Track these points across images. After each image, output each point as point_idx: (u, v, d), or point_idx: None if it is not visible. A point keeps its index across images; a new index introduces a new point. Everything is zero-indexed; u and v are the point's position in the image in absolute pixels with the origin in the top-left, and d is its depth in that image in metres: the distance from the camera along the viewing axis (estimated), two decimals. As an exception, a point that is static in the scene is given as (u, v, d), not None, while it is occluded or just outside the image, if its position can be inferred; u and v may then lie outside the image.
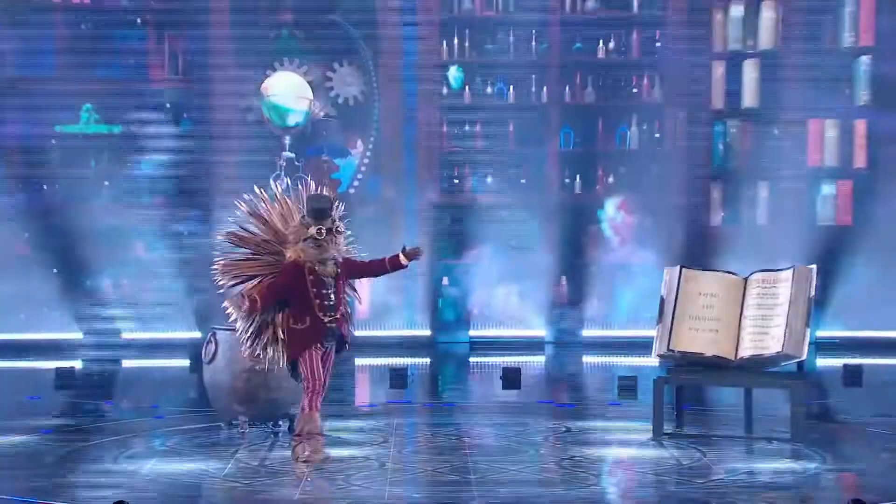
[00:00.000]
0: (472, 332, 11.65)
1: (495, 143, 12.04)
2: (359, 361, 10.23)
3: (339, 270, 5.72)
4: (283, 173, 11.69)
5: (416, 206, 11.67)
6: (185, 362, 10.08)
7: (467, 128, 12.06)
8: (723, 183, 11.83)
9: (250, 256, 5.82)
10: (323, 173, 11.84)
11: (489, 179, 12.00)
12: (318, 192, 5.82)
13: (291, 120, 11.73)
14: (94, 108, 11.93)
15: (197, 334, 11.22)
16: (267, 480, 5.53)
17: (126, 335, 11.54)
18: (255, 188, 6.00)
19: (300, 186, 5.89)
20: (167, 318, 11.61)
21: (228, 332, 6.62)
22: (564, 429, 7.06)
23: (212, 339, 6.72)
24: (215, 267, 5.85)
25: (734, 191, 11.84)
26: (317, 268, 5.64)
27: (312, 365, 5.67)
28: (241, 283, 5.80)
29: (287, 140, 11.71)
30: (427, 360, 10.84)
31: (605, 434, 6.91)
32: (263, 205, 5.85)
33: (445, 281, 11.70)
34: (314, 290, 5.63)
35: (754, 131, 11.82)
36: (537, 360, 11.08)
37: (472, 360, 11.05)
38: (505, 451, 6.29)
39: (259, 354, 5.82)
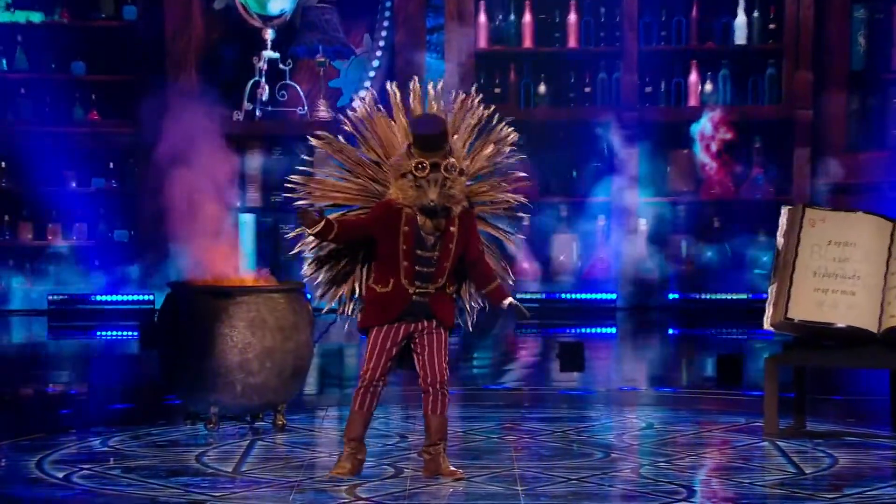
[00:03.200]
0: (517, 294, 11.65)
1: (551, 40, 11.97)
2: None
3: (452, 229, 5.59)
4: (262, 79, 11.66)
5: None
6: (134, 333, 10.12)
7: (512, 18, 11.98)
8: (863, 91, 11.71)
9: (346, 176, 5.73)
10: (317, 80, 11.80)
11: (542, 88, 11.94)
12: (430, 114, 5.69)
13: (274, 7, 11.67)
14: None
15: (149, 296, 11.27)
16: (244, 492, 5.55)
17: (55, 298, 11.61)
18: (366, 93, 5.84)
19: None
20: (111, 275, 11.67)
21: (193, 292, 6.63)
22: (644, 424, 7.05)
23: (170, 301, 6.74)
24: (294, 179, 5.76)
25: (879, 102, 11.72)
26: (417, 217, 5.52)
27: (375, 347, 5.60)
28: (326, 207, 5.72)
29: (269, 35, 11.66)
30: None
31: (699, 432, 6.89)
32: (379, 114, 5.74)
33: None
34: (405, 246, 5.53)
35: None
36: (607, 332, 11.09)
37: (518, 329, 11.06)
38: (562, 455, 6.27)
39: (332, 305, 5.78)
